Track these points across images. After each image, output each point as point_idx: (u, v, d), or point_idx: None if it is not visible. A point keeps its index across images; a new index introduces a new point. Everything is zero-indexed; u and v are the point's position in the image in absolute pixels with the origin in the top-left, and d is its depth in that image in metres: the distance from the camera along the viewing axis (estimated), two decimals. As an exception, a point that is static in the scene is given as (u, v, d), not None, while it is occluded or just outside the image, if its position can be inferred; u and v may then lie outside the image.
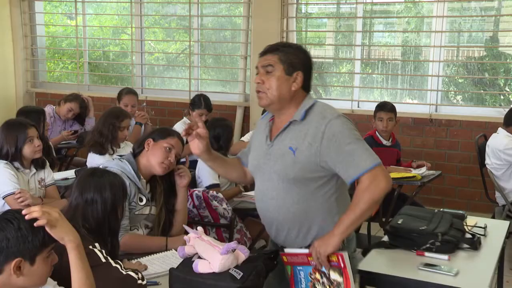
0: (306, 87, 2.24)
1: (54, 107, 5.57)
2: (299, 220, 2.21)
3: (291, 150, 2.15)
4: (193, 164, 4.16)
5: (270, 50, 2.25)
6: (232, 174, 2.55)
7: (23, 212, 1.71)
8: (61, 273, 1.83)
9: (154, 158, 2.84)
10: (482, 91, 5.81)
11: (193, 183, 3.96)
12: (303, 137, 2.14)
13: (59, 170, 4.78)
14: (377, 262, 2.53)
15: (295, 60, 2.20)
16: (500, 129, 4.60)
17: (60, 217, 1.77)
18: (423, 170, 4.44)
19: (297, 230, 2.22)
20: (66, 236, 1.76)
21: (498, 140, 4.53)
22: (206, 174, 3.86)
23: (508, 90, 5.85)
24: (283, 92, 2.20)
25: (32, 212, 1.71)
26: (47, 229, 1.72)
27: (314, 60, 2.42)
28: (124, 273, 2.07)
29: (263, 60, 2.26)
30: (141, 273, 2.21)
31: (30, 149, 3.42)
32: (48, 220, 1.71)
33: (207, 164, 2.48)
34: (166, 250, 2.65)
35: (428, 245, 2.54)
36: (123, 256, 2.48)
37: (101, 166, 2.76)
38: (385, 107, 4.63)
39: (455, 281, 2.30)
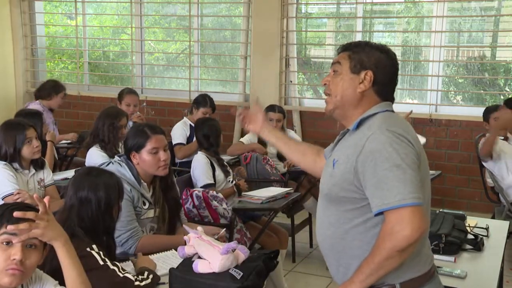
0: (381, 92, 1.86)
1: (39, 101, 5.57)
2: (336, 248, 1.85)
3: (332, 162, 1.83)
4: (189, 165, 4.17)
5: (343, 47, 1.92)
6: (296, 156, 2.24)
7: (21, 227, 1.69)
8: (62, 273, 1.83)
9: (149, 167, 2.79)
10: (482, 91, 5.81)
11: (192, 183, 3.97)
12: (346, 149, 1.81)
13: (59, 170, 4.78)
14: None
15: (365, 58, 1.84)
16: None
17: (50, 218, 1.76)
18: None
19: (336, 261, 1.87)
20: (54, 237, 1.76)
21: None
22: (200, 174, 3.88)
23: (508, 90, 5.84)
24: (347, 93, 1.85)
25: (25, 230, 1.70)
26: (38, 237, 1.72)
27: (316, 60, 2.19)
28: (121, 275, 2.06)
29: (334, 59, 1.93)
30: (154, 272, 2.22)
31: (29, 150, 3.42)
32: (39, 234, 1.71)
33: (271, 141, 2.28)
34: None
35: (432, 247, 2.54)
36: None
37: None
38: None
39: (464, 283, 2.30)
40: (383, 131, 1.72)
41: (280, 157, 5.05)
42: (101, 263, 2.06)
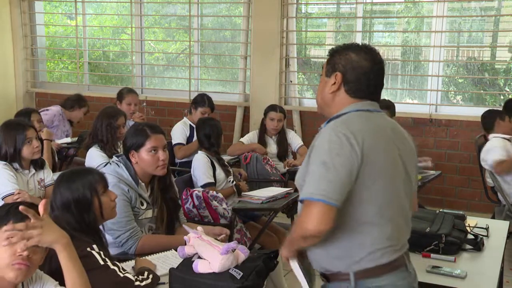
0: (353, 92, 1.92)
1: (61, 108, 5.62)
2: None
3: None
4: (189, 165, 4.17)
5: (328, 53, 2.02)
6: None
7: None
8: (61, 274, 1.83)
9: (147, 167, 2.79)
10: (482, 91, 5.81)
11: (192, 183, 3.97)
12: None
13: (59, 170, 4.78)
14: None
15: (337, 61, 1.94)
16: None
17: (44, 223, 1.73)
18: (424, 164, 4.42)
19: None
20: (54, 241, 1.74)
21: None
22: (200, 173, 3.89)
23: (508, 90, 5.84)
24: (323, 95, 1.97)
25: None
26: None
27: (316, 60, 2.14)
28: (122, 275, 2.06)
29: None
30: (154, 272, 2.22)
31: (29, 150, 3.42)
32: (36, 242, 1.70)
33: None
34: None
35: (432, 247, 2.54)
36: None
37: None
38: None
39: (464, 283, 2.30)
40: (330, 130, 1.82)
41: (280, 157, 5.05)
42: (102, 263, 2.06)
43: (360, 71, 1.91)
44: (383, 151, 1.84)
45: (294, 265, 1.98)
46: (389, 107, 4.62)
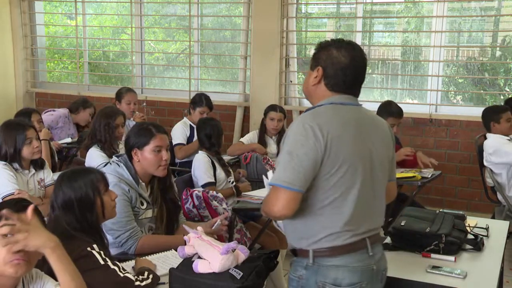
0: (331, 86, 2.05)
1: (68, 111, 5.60)
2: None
3: None
4: (189, 165, 4.17)
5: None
6: None
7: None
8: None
9: (149, 166, 2.78)
10: (482, 91, 5.81)
11: (192, 183, 3.97)
12: None
13: (59, 170, 4.78)
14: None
15: (320, 56, 2.07)
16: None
17: (31, 228, 1.69)
18: (430, 171, 4.43)
19: None
20: (40, 245, 1.70)
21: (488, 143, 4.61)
22: (201, 173, 3.89)
23: (508, 90, 5.84)
24: (306, 86, 2.13)
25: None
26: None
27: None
28: (122, 275, 2.06)
29: None
30: (154, 272, 2.21)
31: (29, 151, 3.42)
32: (22, 246, 1.66)
33: None
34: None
35: (432, 247, 2.54)
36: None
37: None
38: (395, 114, 4.49)
39: (464, 283, 2.30)
40: (299, 121, 1.98)
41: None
42: (102, 262, 2.06)
43: (338, 67, 2.03)
44: (348, 142, 1.97)
45: None
46: (392, 113, 4.53)
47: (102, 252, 2.09)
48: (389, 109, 4.51)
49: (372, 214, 2.07)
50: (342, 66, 2.03)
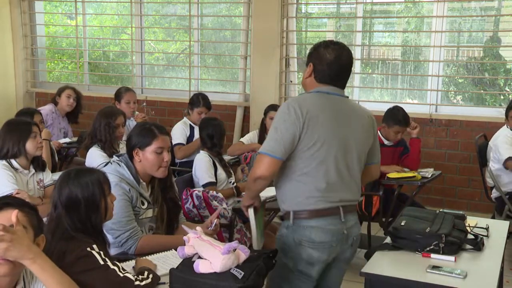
0: (320, 78, 2.50)
1: (52, 105, 5.58)
2: None
3: None
4: (189, 165, 4.16)
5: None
6: None
7: None
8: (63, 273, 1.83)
9: (150, 166, 2.77)
10: (482, 91, 5.81)
11: (192, 183, 3.97)
12: None
13: (60, 170, 4.78)
14: (382, 264, 2.52)
15: (313, 54, 2.53)
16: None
17: (14, 237, 1.66)
18: (430, 171, 4.43)
19: None
20: (20, 257, 1.67)
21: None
22: (201, 173, 3.89)
23: (508, 90, 5.85)
24: (303, 79, 2.59)
25: None
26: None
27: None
28: (122, 275, 2.06)
29: None
30: (154, 272, 2.21)
31: (33, 145, 3.42)
32: (1, 255, 1.65)
33: None
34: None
35: (432, 247, 2.54)
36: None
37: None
38: (401, 122, 4.43)
39: (464, 283, 2.29)
40: (285, 103, 2.43)
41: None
42: (102, 262, 2.05)
43: (324, 63, 2.48)
44: (324, 123, 2.40)
45: (250, 213, 2.60)
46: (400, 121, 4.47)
47: (102, 252, 2.09)
48: (396, 117, 4.44)
49: (345, 188, 2.46)
50: (327, 62, 2.47)
